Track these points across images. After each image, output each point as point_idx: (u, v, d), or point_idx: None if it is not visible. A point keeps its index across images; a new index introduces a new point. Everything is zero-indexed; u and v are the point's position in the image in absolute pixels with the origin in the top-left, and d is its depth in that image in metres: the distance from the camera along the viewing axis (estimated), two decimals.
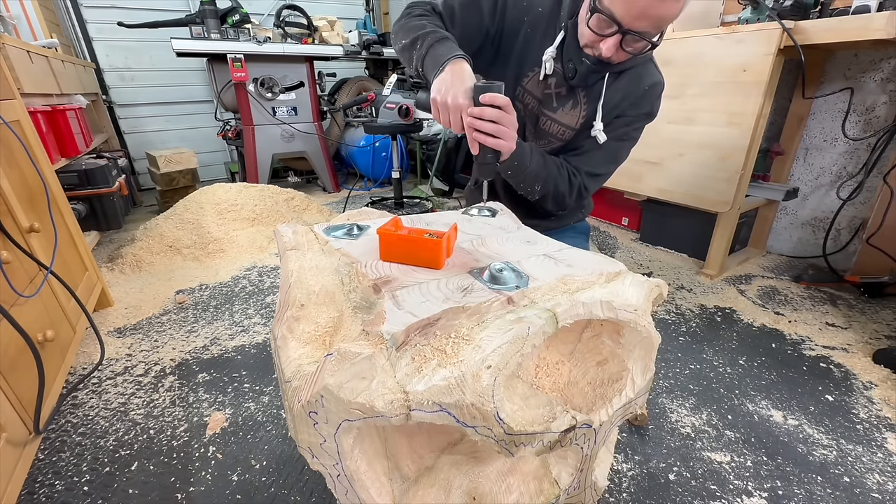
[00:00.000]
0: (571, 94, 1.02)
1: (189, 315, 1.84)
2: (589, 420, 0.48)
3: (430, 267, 0.58)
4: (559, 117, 1.05)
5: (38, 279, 1.24)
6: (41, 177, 1.39)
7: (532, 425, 0.41)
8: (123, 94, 3.71)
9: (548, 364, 0.58)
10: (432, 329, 0.43)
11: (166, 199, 3.14)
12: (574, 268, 0.57)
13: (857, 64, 2.04)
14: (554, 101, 1.03)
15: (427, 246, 0.58)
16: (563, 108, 1.03)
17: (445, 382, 0.37)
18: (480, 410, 0.38)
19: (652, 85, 1.01)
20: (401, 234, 0.59)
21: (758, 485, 1.08)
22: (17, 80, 1.58)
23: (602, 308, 0.48)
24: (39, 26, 2.57)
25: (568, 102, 1.03)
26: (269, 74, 3.25)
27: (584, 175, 1.03)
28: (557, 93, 1.02)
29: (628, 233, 2.84)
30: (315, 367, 0.42)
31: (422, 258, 0.58)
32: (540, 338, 0.42)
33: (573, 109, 1.03)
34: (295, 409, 0.42)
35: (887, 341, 1.64)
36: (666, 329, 1.73)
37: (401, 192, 3.16)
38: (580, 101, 1.02)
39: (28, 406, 1.06)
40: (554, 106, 1.04)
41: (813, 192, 2.29)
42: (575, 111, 1.03)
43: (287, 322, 0.52)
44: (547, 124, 1.06)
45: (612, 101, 0.99)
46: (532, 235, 0.73)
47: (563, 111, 1.04)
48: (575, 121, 1.04)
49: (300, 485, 1.08)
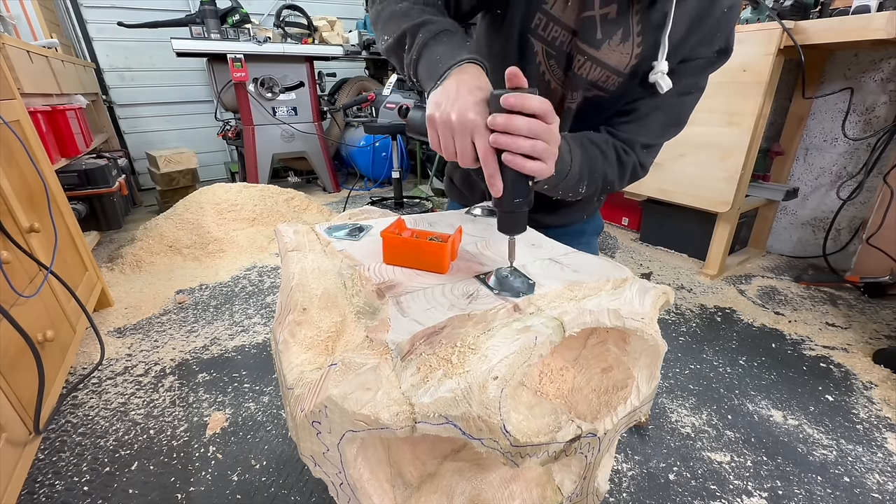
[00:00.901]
0: (622, 17, 0.69)
1: (189, 315, 1.84)
2: (594, 429, 0.48)
3: (434, 271, 0.58)
4: (603, 55, 0.72)
5: (38, 279, 1.24)
6: (41, 177, 1.38)
7: (538, 436, 0.41)
8: (123, 94, 3.70)
9: (552, 370, 0.58)
10: (438, 338, 0.43)
11: (166, 199, 3.13)
12: (580, 273, 0.57)
13: (857, 64, 2.03)
14: (598, 28, 0.70)
15: (431, 250, 0.57)
16: (609, 40, 0.71)
17: (451, 394, 0.37)
18: (487, 423, 0.37)
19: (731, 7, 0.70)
20: (405, 238, 0.59)
21: (758, 485, 1.08)
22: (17, 80, 1.57)
23: (609, 316, 0.48)
24: (39, 26, 2.56)
25: (617, 32, 0.70)
26: (269, 74, 3.24)
27: (638, 149, 0.76)
28: (603, 15, 0.69)
29: (628, 233, 2.84)
30: (318, 375, 0.42)
31: (426, 262, 0.58)
32: (547, 347, 0.42)
33: (623, 44, 0.71)
34: (298, 418, 0.42)
35: (887, 341, 1.64)
36: (666, 329, 1.73)
37: (401, 192, 3.15)
38: (632, 31, 0.70)
39: (28, 406, 1.06)
40: (598, 38, 0.71)
41: (813, 192, 2.29)
42: (626, 46, 0.71)
43: (289, 326, 0.51)
44: (585, 67, 0.74)
45: (676, 33, 0.69)
46: (537, 238, 0.72)
47: (609, 45, 0.71)
48: (626, 61, 0.72)
49: (300, 485, 1.08)
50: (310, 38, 3.44)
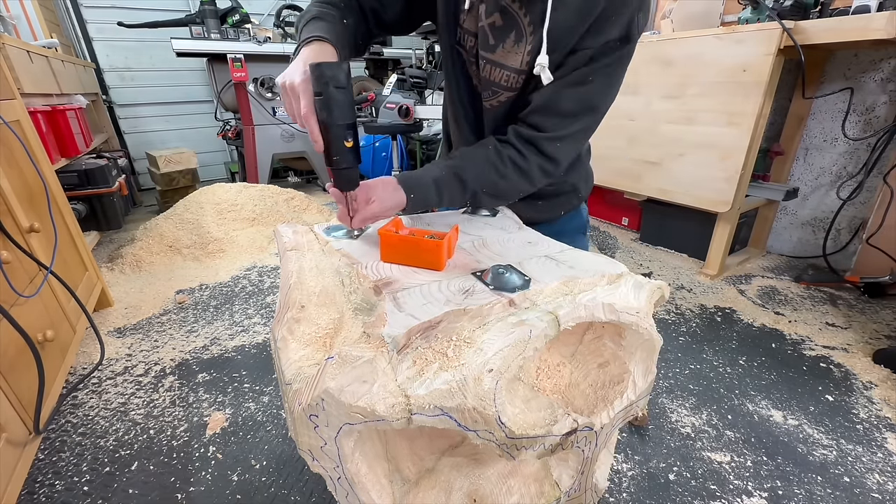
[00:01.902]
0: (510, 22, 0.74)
1: (189, 315, 1.84)
2: (590, 423, 0.48)
3: (431, 268, 0.58)
4: (500, 58, 0.77)
5: (38, 279, 1.24)
6: (41, 177, 1.38)
7: (534, 429, 0.41)
8: (123, 94, 3.71)
9: (549, 366, 0.58)
10: (434, 332, 0.43)
11: (166, 199, 3.14)
12: (576, 269, 0.57)
13: (857, 64, 2.03)
14: (489, 35, 0.76)
15: (428, 247, 0.58)
16: (502, 44, 0.76)
17: (447, 386, 0.37)
18: (482, 414, 0.38)
19: None
20: (402, 236, 0.59)
21: (758, 485, 1.08)
22: (17, 80, 1.58)
23: (604, 310, 0.48)
24: (39, 26, 2.57)
25: (509, 35, 0.75)
26: (269, 74, 3.25)
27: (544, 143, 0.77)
28: (491, 23, 0.75)
29: (628, 233, 2.84)
30: (316, 370, 0.42)
31: (423, 259, 0.58)
32: (542, 341, 0.42)
33: (517, 44, 0.75)
34: (295, 412, 0.42)
35: (887, 341, 1.63)
36: (666, 329, 1.73)
37: None
38: (524, 31, 0.74)
39: (28, 406, 1.06)
40: (491, 43, 0.77)
41: (813, 192, 2.29)
42: (520, 46, 0.75)
43: (287, 323, 0.52)
44: (487, 69, 0.80)
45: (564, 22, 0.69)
46: (533, 236, 0.73)
47: (503, 49, 0.76)
48: (520, 60, 0.76)
49: (300, 485, 1.08)
50: None
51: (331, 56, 0.67)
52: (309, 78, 0.59)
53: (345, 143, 0.61)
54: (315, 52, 0.66)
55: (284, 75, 0.63)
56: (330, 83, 0.56)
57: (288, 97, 0.63)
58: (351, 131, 0.61)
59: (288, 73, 0.63)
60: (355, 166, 0.63)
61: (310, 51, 0.66)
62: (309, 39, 0.67)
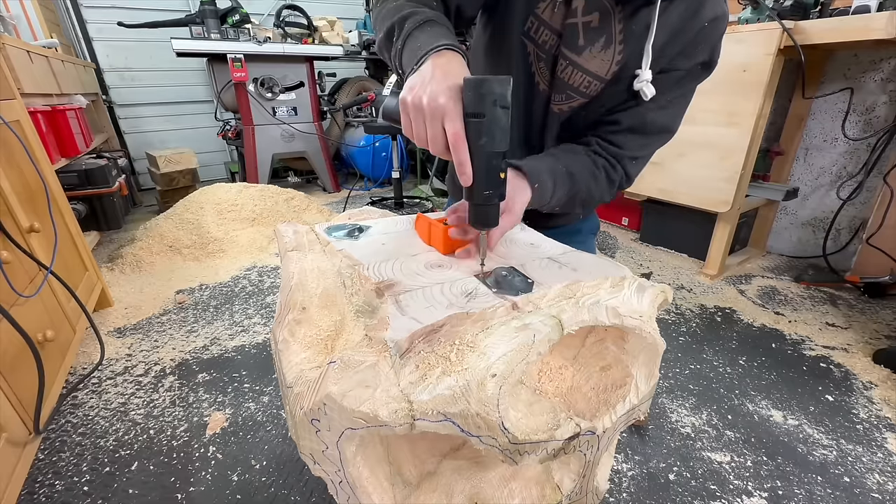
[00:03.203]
0: (605, 26, 0.71)
1: (189, 315, 1.84)
2: (593, 427, 0.48)
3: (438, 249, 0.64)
4: (585, 62, 0.74)
5: (38, 279, 1.24)
6: (41, 177, 1.38)
7: (536, 434, 0.41)
8: (123, 94, 3.71)
9: (551, 369, 0.58)
10: (436, 336, 0.43)
11: (166, 199, 3.13)
12: (579, 272, 0.57)
13: (857, 64, 2.03)
14: (580, 35, 0.72)
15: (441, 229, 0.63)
16: (591, 47, 0.72)
17: (450, 391, 0.37)
18: (485, 420, 0.37)
19: (714, 19, 0.69)
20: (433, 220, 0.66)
21: (758, 485, 1.08)
22: (17, 80, 1.57)
23: (608, 314, 0.48)
24: (39, 26, 2.57)
25: (599, 39, 0.72)
26: (269, 74, 3.25)
27: (626, 162, 0.77)
28: (586, 22, 0.71)
29: (628, 233, 2.84)
30: (317, 374, 0.42)
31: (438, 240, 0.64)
32: (545, 345, 0.42)
33: (605, 51, 0.72)
34: (297, 416, 0.42)
35: (887, 341, 1.64)
36: (666, 329, 1.73)
37: (401, 192, 3.16)
38: (614, 39, 0.71)
39: (28, 406, 1.06)
40: (580, 44, 0.72)
41: (813, 192, 2.29)
42: (607, 53, 0.72)
43: (288, 325, 0.51)
44: (567, 72, 0.75)
45: (660, 38, 0.69)
46: (536, 238, 0.72)
47: (590, 52, 0.73)
48: (606, 68, 0.73)
49: (300, 485, 1.08)
50: (310, 38, 3.44)
51: (465, 71, 0.55)
52: (460, 95, 0.50)
53: (499, 175, 0.52)
54: (450, 64, 0.54)
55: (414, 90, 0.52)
56: (498, 102, 0.48)
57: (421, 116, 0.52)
58: (505, 160, 0.52)
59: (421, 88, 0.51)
60: (503, 200, 0.54)
61: (445, 62, 0.54)
62: (437, 48, 0.56)
